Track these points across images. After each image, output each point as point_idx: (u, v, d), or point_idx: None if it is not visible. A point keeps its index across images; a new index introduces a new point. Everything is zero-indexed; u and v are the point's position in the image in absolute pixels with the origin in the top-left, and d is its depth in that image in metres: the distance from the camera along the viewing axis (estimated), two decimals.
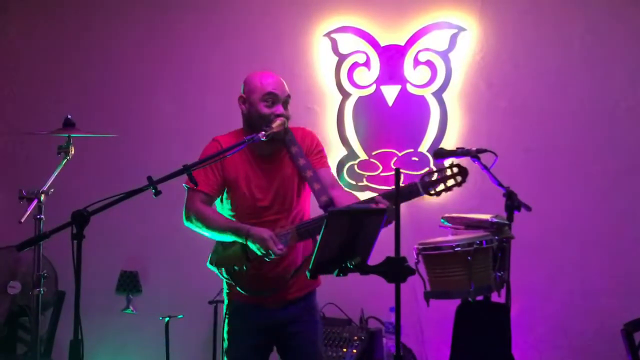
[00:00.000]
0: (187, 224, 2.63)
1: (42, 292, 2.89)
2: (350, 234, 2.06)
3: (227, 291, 2.67)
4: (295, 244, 2.50)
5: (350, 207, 2.21)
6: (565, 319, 3.61)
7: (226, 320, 2.63)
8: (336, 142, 3.89)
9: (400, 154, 3.82)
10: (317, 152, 2.64)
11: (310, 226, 2.46)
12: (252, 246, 2.42)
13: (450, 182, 2.30)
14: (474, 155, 2.67)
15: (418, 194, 2.36)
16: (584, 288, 3.60)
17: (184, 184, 2.60)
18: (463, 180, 2.32)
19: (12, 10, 4.39)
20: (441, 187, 2.29)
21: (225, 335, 2.64)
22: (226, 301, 2.68)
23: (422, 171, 2.24)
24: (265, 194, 2.56)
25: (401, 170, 3.73)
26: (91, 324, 3.60)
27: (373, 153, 3.86)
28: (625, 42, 3.64)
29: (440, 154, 2.75)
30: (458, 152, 2.70)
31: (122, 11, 4.27)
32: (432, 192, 2.31)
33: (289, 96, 2.58)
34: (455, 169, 2.27)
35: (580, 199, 3.65)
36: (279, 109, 2.52)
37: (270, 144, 2.54)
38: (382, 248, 2.10)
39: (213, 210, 2.63)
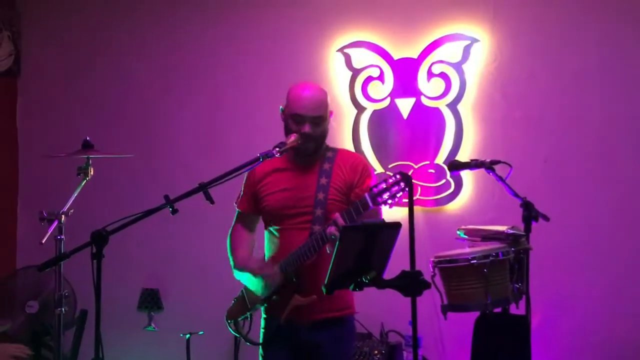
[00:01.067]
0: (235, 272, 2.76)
1: (63, 311, 2.94)
2: (364, 248, 2.07)
3: (264, 326, 2.70)
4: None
5: (364, 222, 2.22)
6: (587, 330, 3.56)
7: (260, 349, 2.67)
8: None
9: (416, 167, 3.82)
10: (359, 184, 2.59)
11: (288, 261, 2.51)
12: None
13: (395, 189, 2.27)
14: (488, 166, 2.67)
15: (368, 207, 2.33)
16: (606, 298, 3.55)
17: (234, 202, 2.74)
18: (406, 187, 2.27)
19: (28, 35, 4.49)
20: (386, 195, 2.27)
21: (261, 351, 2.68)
22: (263, 336, 2.70)
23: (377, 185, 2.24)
24: (287, 200, 2.58)
25: (418, 183, 3.78)
26: (113, 342, 3.65)
27: (389, 166, 3.87)
28: None
29: (454, 166, 2.75)
30: (472, 164, 2.71)
31: (137, 30, 4.35)
32: (380, 201, 2.29)
33: (320, 117, 2.56)
34: (398, 177, 2.26)
35: (600, 208, 3.60)
36: (306, 128, 2.53)
37: (307, 157, 2.59)
38: (401, 261, 2.10)
39: (241, 244, 2.75)
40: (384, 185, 2.26)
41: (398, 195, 2.26)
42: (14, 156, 4.47)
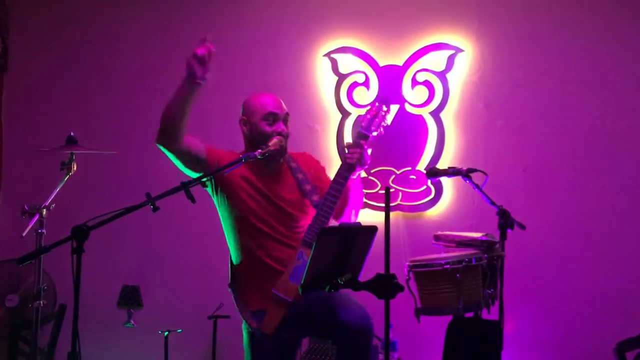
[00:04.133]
0: (160, 140, 2.67)
1: (41, 304, 2.95)
2: (341, 250, 2.12)
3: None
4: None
5: (342, 225, 2.26)
6: (560, 338, 3.63)
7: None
8: (336, 160, 3.94)
9: (398, 172, 3.87)
10: (324, 177, 2.75)
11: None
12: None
13: (383, 113, 2.59)
14: (465, 174, 2.72)
15: (365, 136, 2.58)
16: (580, 307, 3.63)
17: None
18: (387, 108, 2.63)
19: (16, 30, 4.49)
20: (378, 120, 2.59)
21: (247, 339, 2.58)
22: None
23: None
24: (264, 211, 2.59)
25: (399, 188, 3.84)
26: (92, 337, 3.66)
27: (372, 171, 3.91)
28: (623, 62, 3.70)
29: (432, 173, 2.81)
30: (449, 172, 2.76)
31: (124, 28, 4.34)
32: (374, 128, 2.59)
33: (287, 114, 2.67)
34: (376, 103, 2.60)
35: (577, 217, 3.68)
36: (280, 126, 2.61)
37: (270, 164, 2.61)
38: (379, 264, 2.14)
39: None
40: (368, 116, 2.54)
41: (387, 118, 2.56)
42: None
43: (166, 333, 3.68)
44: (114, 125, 4.27)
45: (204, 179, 2.45)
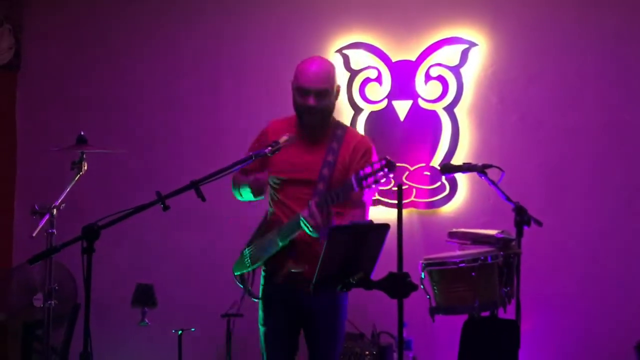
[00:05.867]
0: (233, 191, 2.80)
1: (52, 304, 2.95)
2: (353, 249, 2.08)
3: (263, 283, 2.73)
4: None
5: (353, 223, 2.23)
6: (579, 336, 3.57)
7: (262, 307, 2.71)
8: None
9: (412, 169, 3.83)
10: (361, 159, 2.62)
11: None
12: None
13: (380, 174, 2.31)
14: (480, 170, 2.68)
15: (352, 189, 2.37)
16: (599, 305, 3.56)
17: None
18: (389, 172, 2.31)
19: (29, 30, 4.51)
20: (371, 179, 2.31)
21: (261, 313, 2.70)
22: (261, 292, 2.74)
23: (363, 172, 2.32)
24: (293, 171, 2.60)
25: (413, 185, 3.80)
26: (105, 336, 3.66)
27: None
28: None
29: (447, 169, 2.76)
30: (464, 168, 2.72)
31: (137, 28, 4.34)
32: (365, 185, 2.33)
33: (324, 89, 2.56)
34: (383, 162, 2.30)
35: (595, 214, 3.62)
36: (309, 100, 2.56)
37: (314, 130, 2.60)
38: (394, 262, 2.11)
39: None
40: (369, 170, 2.31)
41: (382, 180, 2.30)
42: (12, 149, 4.48)
43: (180, 332, 3.67)
44: (127, 125, 4.27)
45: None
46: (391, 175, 2.30)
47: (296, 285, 2.56)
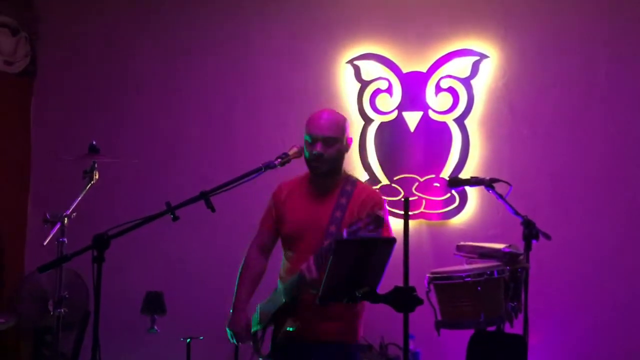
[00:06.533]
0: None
1: (62, 312, 2.98)
2: (359, 262, 2.09)
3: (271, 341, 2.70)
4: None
5: (359, 237, 2.23)
6: (587, 351, 3.54)
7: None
8: (358, 167, 3.92)
9: (421, 180, 3.83)
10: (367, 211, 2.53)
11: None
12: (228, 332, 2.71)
13: (370, 228, 2.28)
14: (488, 184, 2.67)
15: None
16: (607, 320, 3.53)
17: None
18: (375, 228, 2.29)
19: (44, 37, 4.57)
20: (362, 232, 2.27)
21: None
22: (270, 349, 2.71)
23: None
24: (301, 228, 2.61)
25: (422, 196, 3.80)
26: (114, 344, 3.68)
27: (395, 178, 3.88)
28: None
29: (454, 182, 2.76)
30: (472, 181, 2.71)
31: (151, 38, 4.39)
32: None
33: (332, 137, 2.57)
34: (367, 219, 2.28)
35: (604, 227, 3.59)
36: (316, 147, 2.56)
37: (324, 182, 2.61)
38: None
39: (248, 276, 2.76)
40: (360, 225, 2.29)
41: (371, 232, 2.28)
42: (27, 157, 4.53)
43: (188, 340, 3.69)
44: (140, 133, 4.31)
45: None
46: (379, 230, 2.30)
47: (295, 343, 2.54)
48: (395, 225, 3.70)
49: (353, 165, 3.90)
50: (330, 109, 2.74)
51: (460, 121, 3.80)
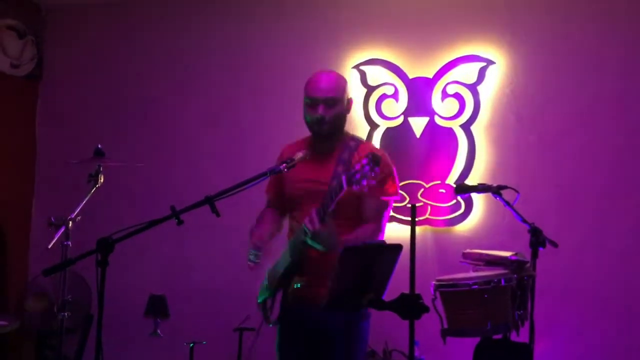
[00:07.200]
0: None
1: (65, 316, 2.97)
2: (365, 269, 2.07)
3: (280, 307, 2.64)
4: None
5: (365, 243, 2.21)
6: (595, 359, 3.51)
7: (278, 331, 2.65)
8: None
9: (427, 186, 3.81)
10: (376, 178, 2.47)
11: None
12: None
13: (366, 169, 2.18)
14: (495, 191, 2.65)
15: (342, 188, 2.26)
16: (614, 328, 3.50)
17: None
18: (374, 165, 2.17)
19: (51, 41, 4.58)
20: (359, 175, 2.18)
21: (278, 338, 2.66)
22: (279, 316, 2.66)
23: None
24: (305, 190, 2.58)
25: (428, 202, 3.78)
26: (117, 347, 3.68)
27: (400, 184, 3.83)
28: None
29: (461, 189, 2.74)
30: (479, 188, 2.69)
31: (157, 42, 4.40)
32: (354, 180, 2.19)
33: (333, 97, 2.53)
34: (364, 160, 2.18)
35: (612, 235, 3.56)
36: (318, 110, 2.53)
37: (326, 144, 2.58)
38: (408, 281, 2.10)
39: (265, 218, 2.73)
40: (358, 167, 2.22)
41: (368, 174, 2.18)
42: (32, 160, 4.54)
43: (191, 344, 3.68)
44: (146, 137, 4.31)
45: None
46: (377, 169, 2.18)
47: (304, 304, 2.51)
48: (402, 231, 3.73)
49: None
50: (329, 69, 2.70)
51: (466, 127, 3.78)
